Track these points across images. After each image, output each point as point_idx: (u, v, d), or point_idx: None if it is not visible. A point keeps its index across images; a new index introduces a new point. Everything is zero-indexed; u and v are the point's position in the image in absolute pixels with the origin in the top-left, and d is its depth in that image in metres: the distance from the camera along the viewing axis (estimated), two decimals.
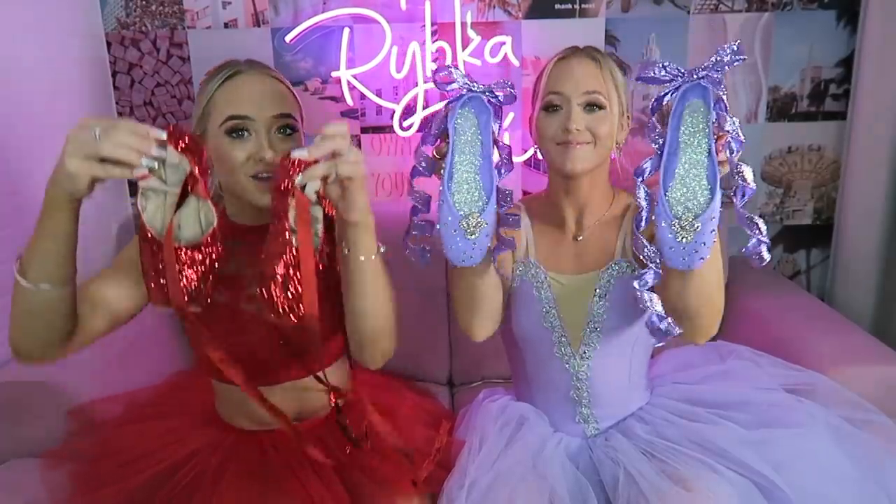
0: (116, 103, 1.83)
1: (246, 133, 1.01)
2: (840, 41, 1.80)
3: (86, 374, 1.31)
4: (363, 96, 1.81)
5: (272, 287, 0.86)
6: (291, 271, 0.87)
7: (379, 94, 1.81)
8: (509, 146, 0.99)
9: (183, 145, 0.83)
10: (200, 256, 0.87)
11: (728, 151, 0.84)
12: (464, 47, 1.76)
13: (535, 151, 1.20)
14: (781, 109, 1.85)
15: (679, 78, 0.86)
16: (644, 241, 0.90)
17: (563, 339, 1.18)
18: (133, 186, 1.88)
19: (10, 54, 1.43)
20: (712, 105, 0.83)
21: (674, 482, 1.00)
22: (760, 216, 1.90)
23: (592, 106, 1.08)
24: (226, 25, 1.78)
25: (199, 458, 1.11)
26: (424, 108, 1.80)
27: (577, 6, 1.78)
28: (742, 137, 0.84)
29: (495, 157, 0.97)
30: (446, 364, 1.67)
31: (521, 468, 1.09)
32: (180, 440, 1.14)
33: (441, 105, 1.77)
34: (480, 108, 0.95)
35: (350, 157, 0.86)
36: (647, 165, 0.90)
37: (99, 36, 1.78)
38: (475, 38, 1.76)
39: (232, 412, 1.18)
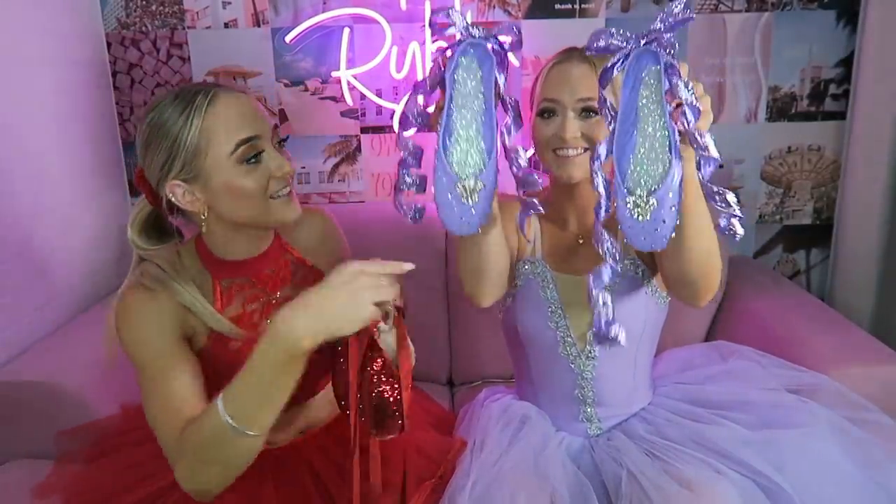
0: (116, 103, 1.83)
1: (262, 154, 0.94)
2: (840, 41, 1.80)
3: (85, 375, 1.31)
4: (363, 96, 1.81)
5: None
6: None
7: (379, 94, 1.81)
8: (517, 100, 0.89)
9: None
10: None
11: (685, 121, 0.77)
12: None
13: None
14: (781, 109, 1.85)
15: (629, 43, 0.79)
16: (604, 232, 0.85)
17: (569, 339, 1.17)
18: (132, 186, 1.88)
19: (11, 54, 1.44)
20: (664, 71, 0.76)
21: (677, 483, 0.99)
22: (760, 216, 1.92)
23: (588, 111, 1.05)
24: (226, 25, 1.78)
25: None
26: (425, 107, 1.79)
27: (576, 6, 1.78)
28: (699, 105, 0.77)
29: (505, 117, 0.90)
30: (446, 364, 1.67)
31: (522, 468, 1.08)
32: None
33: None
34: (483, 57, 0.85)
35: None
36: (603, 148, 0.82)
37: (99, 36, 1.78)
38: None
39: None
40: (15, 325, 1.43)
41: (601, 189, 0.83)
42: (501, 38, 0.85)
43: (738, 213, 0.81)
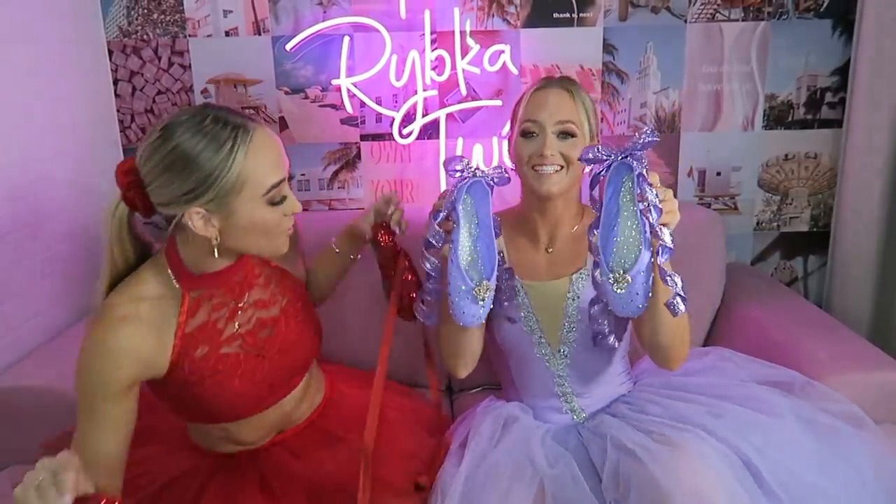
0: (118, 111, 1.84)
1: (286, 196, 0.98)
2: (836, 50, 1.81)
3: None
4: (363, 104, 1.82)
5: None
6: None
7: (379, 102, 1.82)
8: (498, 217, 1.11)
9: None
10: None
11: (651, 218, 0.96)
12: (463, 56, 1.78)
13: None
14: (778, 117, 1.86)
15: (611, 157, 0.99)
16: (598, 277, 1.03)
17: (542, 340, 1.24)
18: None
19: (12, 61, 1.45)
20: (636, 179, 0.97)
21: (662, 444, 1.04)
22: (758, 223, 1.93)
23: (565, 134, 1.17)
24: (227, 34, 1.80)
25: (179, 483, 1.09)
26: (424, 115, 1.81)
27: (575, 15, 1.79)
28: (661, 206, 0.96)
29: None
30: (445, 371, 1.67)
31: (511, 459, 1.13)
32: (158, 469, 1.11)
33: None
34: (481, 191, 1.08)
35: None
36: (595, 227, 1.02)
37: (101, 44, 1.79)
38: (474, 47, 1.77)
39: (210, 443, 1.15)
40: (15, 331, 1.44)
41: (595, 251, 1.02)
42: (495, 176, 1.08)
43: (681, 293, 0.98)
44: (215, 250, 0.97)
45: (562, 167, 1.17)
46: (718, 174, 1.90)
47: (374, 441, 1.05)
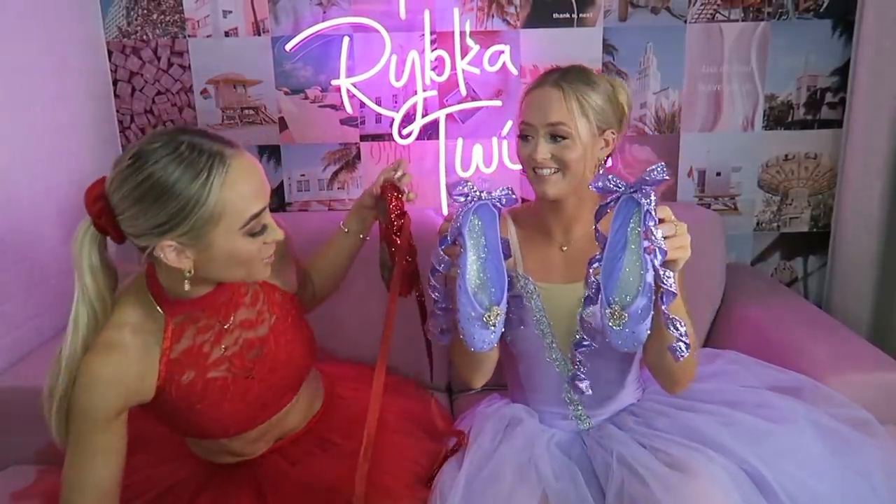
0: (117, 111, 1.84)
1: (266, 226, 0.93)
2: (836, 50, 1.81)
3: None
4: (363, 104, 1.82)
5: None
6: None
7: (378, 103, 1.82)
8: (506, 239, 1.09)
9: None
10: None
11: (655, 259, 0.92)
12: (462, 56, 1.78)
13: None
14: (778, 118, 1.86)
15: (620, 189, 0.96)
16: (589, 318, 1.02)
17: (554, 344, 1.21)
18: None
19: (12, 61, 1.44)
20: (643, 216, 0.93)
21: (669, 466, 1.02)
22: (758, 223, 1.92)
23: (557, 136, 1.13)
24: (226, 34, 1.80)
25: (173, 492, 1.09)
26: (423, 115, 1.81)
27: (574, 15, 1.79)
28: (665, 248, 0.91)
29: None
30: (445, 371, 1.67)
31: (514, 462, 1.12)
32: (153, 478, 1.11)
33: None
34: (488, 213, 1.04)
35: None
36: (597, 257, 0.98)
37: (100, 44, 1.79)
38: (474, 47, 1.77)
39: (207, 454, 1.15)
40: (15, 331, 1.44)
41: (593, 287, 0.98)
42: (502, 197, 1.04)
43: (684, 339, 0.95)
44: (186, 283, 0.92)
45: (558, 169, 1.14)
46: (718, 174, 1.90)
47: (375, 438, 1.02)
